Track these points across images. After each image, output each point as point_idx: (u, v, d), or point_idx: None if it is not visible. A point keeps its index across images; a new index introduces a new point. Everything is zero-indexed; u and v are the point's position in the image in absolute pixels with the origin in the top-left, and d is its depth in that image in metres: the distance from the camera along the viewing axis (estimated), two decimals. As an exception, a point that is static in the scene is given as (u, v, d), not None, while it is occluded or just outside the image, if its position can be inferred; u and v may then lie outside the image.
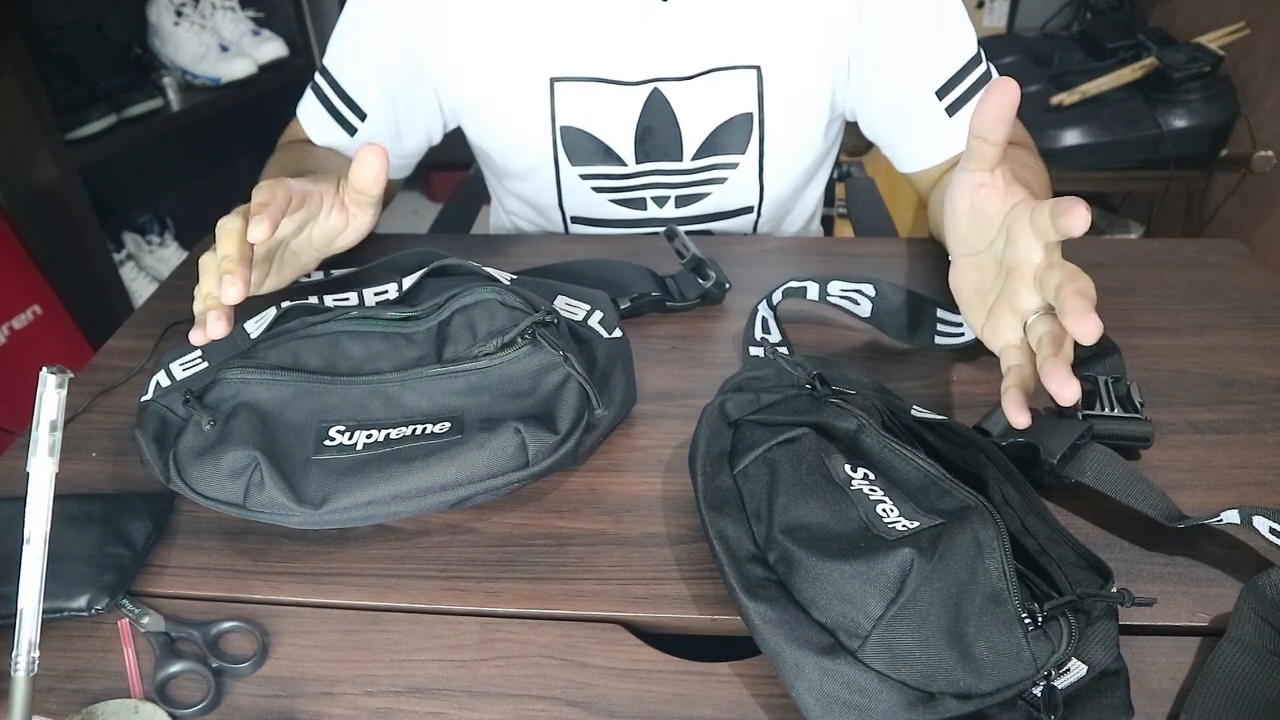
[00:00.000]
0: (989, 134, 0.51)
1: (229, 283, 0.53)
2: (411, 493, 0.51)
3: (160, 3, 1.97)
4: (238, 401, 0.55)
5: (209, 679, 0.45)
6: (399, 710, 0.44)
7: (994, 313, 0.54)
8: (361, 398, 0.56)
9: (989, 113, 0.50)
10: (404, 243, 0.88)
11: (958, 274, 0.58)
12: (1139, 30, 1.90)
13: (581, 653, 0.46)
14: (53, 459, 0.38)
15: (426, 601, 0.49)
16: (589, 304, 0.64)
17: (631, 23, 0.79)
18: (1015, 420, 0.49)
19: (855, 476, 0.47)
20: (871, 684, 0.39)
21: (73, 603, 0.48)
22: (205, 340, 0.54)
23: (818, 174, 0.95)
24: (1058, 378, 0.45)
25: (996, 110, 0.50)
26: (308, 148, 0.85)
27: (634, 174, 0.86)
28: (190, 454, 0.52)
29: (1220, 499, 0.52)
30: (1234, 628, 0.44)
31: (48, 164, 1.61)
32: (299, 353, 0.57)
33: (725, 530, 0.47)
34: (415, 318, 0.58)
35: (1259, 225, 1.78)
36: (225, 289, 0.53)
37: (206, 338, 0.54)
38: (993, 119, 0.50)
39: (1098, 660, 0.39)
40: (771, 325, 0.68)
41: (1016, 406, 0.49)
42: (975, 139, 0.52)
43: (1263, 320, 0.70)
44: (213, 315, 0.54)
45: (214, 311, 0.54)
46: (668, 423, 0.61)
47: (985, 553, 0.41)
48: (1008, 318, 0.53)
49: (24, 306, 1.71)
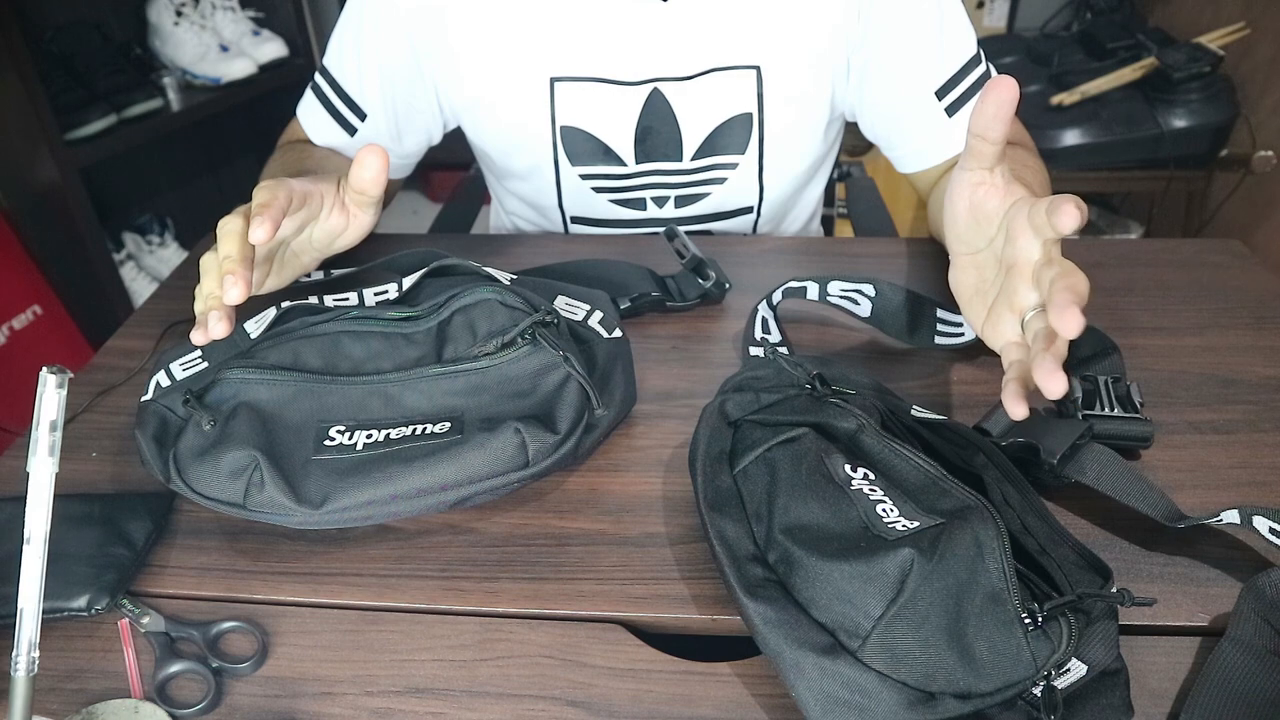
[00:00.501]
0: (987, 132, 0.51)
1: (231, 283, 0.53)
2: (411, 493, 0.51)
3: (160, 3, 1.98)
4: (238, 401, 0.55)
5: (209, 679, 0.45)
6: (399, 710, 0.44)
7: (994, 311, 0.54)
8: (361, 398, 0.56)
9: (988, 111, 0.50)
10: (404, 243, 0.88)
11: (958, 272, 0.58)
12: (1139, 30, 1.90)
13: (581, 653, 0.46)
14: (53, 459, 0.38)
15: (426, 601, 0.49)
16: (589, 304, 0.64)
17: (631, 23, 0.79)
18: (1012, 411, 0.49)
19: (855, 476, 0.47)
20: (871, 684, 0.39)
21: (73, 602, 0.48)
22: (206, 340, 0.54)
23: (818, 174, 0.95)
24: (1044, 369, 0.45)
25: (995, 109, 0.50)
26: (308, 148, 0.86)
27: (634, 174, 0.87)
28: (190, 454, 0.52)
29: (1220, 499, 0.52)
30: (1234, 627, 0.44)
31: (48, 164, 1.61)
32: (299, 352, 0.57)
33: (725, 530, 0.47)
34: (415, 318, 0.58)
35: (1259, 225, 1.78)
36: (228, 290, 0.53)
37: (208, 338, 0.54)
38: (991, 117, 0.50)
39: (1098, 660, 0.39)
40: (771, 325, 0.68)
41: (1015, 398, 0.49)
42: (974, 137, 0.52)
43: (1262, 320, 0.70)
44: (214, 315, 0.54)
45: (215, 312, 0.54)
46: (668, 423, 0.61)
47: (985, 552, 0.41)
48: (1007, 315, 0.53)
49: (24, 306, 1.71)
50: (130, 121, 1.77)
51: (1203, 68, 1.70)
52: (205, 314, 0.55)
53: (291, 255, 0.66)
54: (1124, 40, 1.86)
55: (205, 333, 0.54)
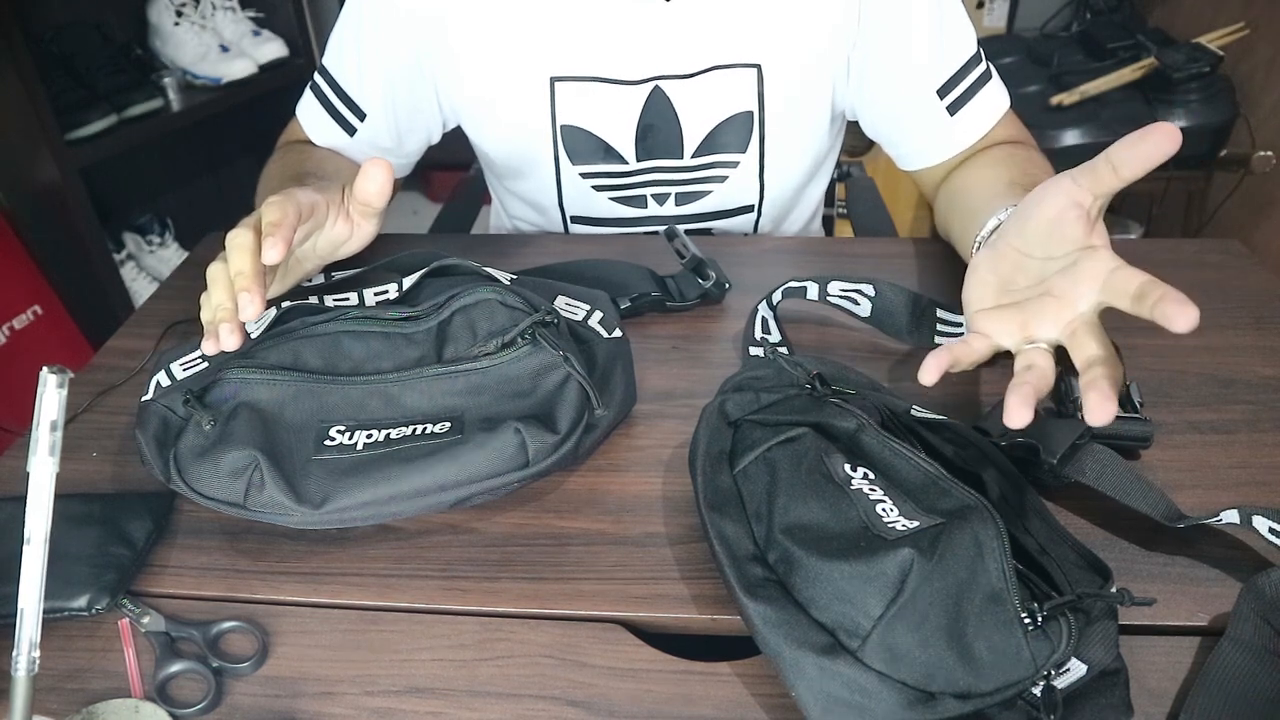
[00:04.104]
0: (1123, 168, 0.48)
1: (247, 301, 0.53)
2: (411, 493, 0.51)
3: (160, 3, 1.98)
4: (238, 401, 0.55)
5: (209, 679, 0.45)
6: (399, 710, 0.44)
7: (1003, 310, 0.53)
8: (361, 398, 0.56)
9: (1139, 149, 0.47)
10: (404, 243, 0.88)
11: (995, 258, 0.56)
12: (1139, 30, 1.90)
13: (581, 652, 0.46)
14: (53, 459, 0.38)
15: (426, 601, 0.49)
16: (589, 304, 0.64)
17: (632, 21, 0.79)
18: (1015, 416, 0.47)
19: (855, 476, 0.47)
20: (871, 683, 0.39)
21: (73, 603, 0.48)
22: (216, 350, 0.54)
23: (819, 173, 0.95)
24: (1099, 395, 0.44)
25: (1150, 149, 0.46)
26: (307, 149, 0.85)
27: (634, 172, 0.87)
28: (190, 454, 0.52)
29: (1219, 499, 0.52)
30: (1234, 627, 0.44)
31: (48, 164, 1.61)
32: (299, 353, 0.57)
33: (725, 530, 0.47)
34: (415, 318, 0.58)
35: (1258, 225, 1.78)
36: (244, 307, 0.53)
37: (219, 348, 0.54)
38: (1136, 156, 0.47)
39: (1097, 660, 0.40)
40: (771, 325, 0.68)
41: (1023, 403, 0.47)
42: (1106, 164, 0.49)
43: (1262, 320, 0.70)
44: (225, 328, 0.53)
45: (227, 324, 0.53)
46: (668, 423, 0.61)
47: (985, 552, 0.41)
48: (1013, 324, 0.52)
49: (24, 306, 1.71)
50: (130, 121, 1.77)
51: (1202, 68, 1.70)
52: (216, 325, 0.54)
53: (295, 262, 0.65)
54: (1124, 40, 1.86)
55: (216, 343, 0.54)
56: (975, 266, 0.57)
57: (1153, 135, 0.46)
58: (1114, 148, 0.48)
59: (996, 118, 0.80)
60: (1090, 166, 0.50)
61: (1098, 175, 0.49)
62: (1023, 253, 0.54)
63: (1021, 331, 0.52)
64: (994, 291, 0.55)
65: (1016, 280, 0.54)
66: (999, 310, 0.54)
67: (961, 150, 0.81)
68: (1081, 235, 0.51)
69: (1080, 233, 0.51)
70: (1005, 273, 0.55)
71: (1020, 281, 0.54)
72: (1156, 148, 0.46)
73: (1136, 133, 0.47)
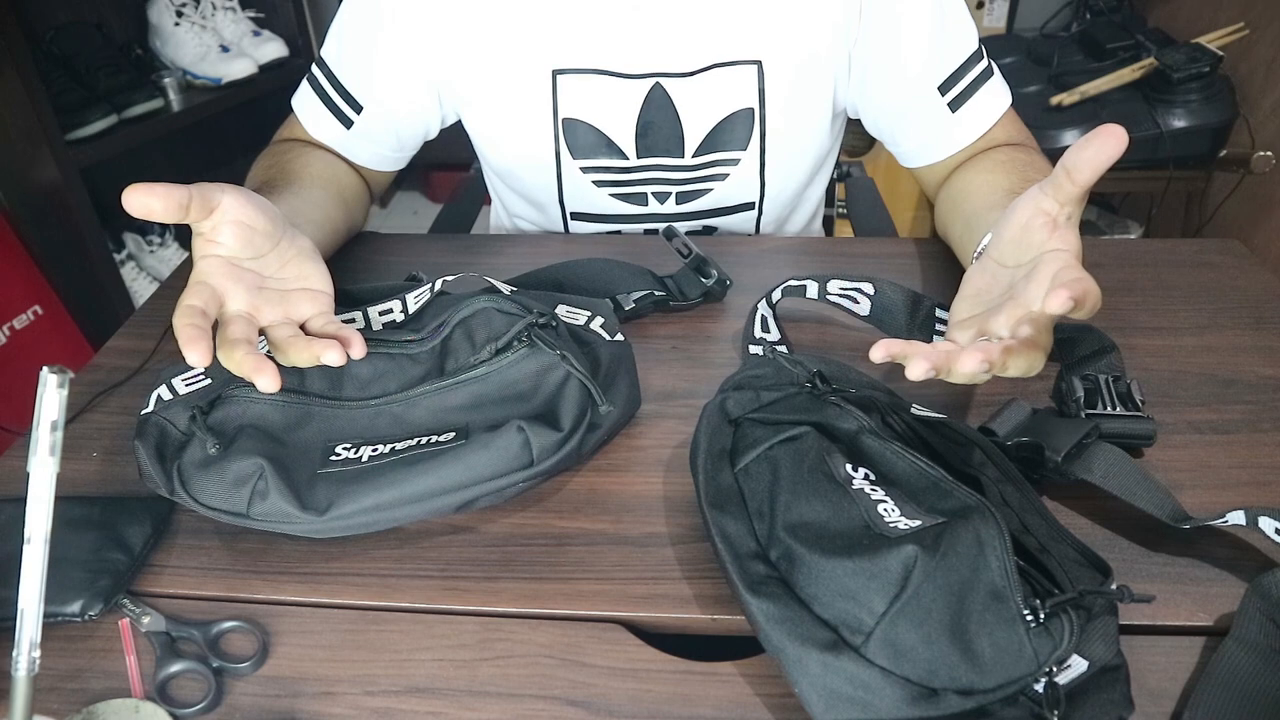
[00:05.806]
0: (1076, 173, 0.49)
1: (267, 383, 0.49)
2: (416, 496, 0.51)
3: (161, 3, 1.97)
4: (243, 422, 0.54)
5: (209, 679, 0.45)
6: (399, 710, 0.44)
7: (975, 318, 0.55)
8: (368, 420, 0.56)
9: (1085, 153, 0.48)
10: (404, 242, 0.88)
11: (978, 271, 0.58)
12: (1138, 31, 1.90)
13: (581, 652, 0.46)
14: (53, 459, 0.38)
15: (427, 601, 0.49)
16: (590, 310, 0.64)
17: (633, 15, 0.79)
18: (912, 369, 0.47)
19: (856, 477, 0.47)
20: (874, 680, 0.39)
21: (66, 608, 0.47)
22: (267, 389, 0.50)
23: (820, 171, 0.95)
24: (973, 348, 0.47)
25: (1095, 153, 0.48)
26: (290, 163, 0.80)
27: (635, 168, 0.86)
28: (194, 465, 0.52)
29: (1220, 499, 0.52)
30: (1238, 627, 0.44)
31: (48, 164, 1.61)
32: (305, 374, 0.56)
33: (727, 528, 0.47)
34: (421, 339, 0.58)
35: (1258, 225, 1.78)
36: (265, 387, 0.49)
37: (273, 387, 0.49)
38: (1086, 161, 0.48)
39: (1099, 656, 0.40)
40: (771, 324, 0.68)
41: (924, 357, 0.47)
42: (1062, 170, 0.50)
43: (1262, 320, 0.70)
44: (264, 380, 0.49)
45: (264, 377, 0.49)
46: (668, 422, 0.61)
47: (987, 550, 0.41)
48: (973, 328, 0.54)
49: (24, 306, 1.70)
50: (131, 122, 1.77)
51: (1202, 68, 1.70)
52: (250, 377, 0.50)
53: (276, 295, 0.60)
54: (1123, 41, 1.86)
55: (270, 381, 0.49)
56: (963, 281, 0.59)
57: (1097, 139, 0.47)
58: (1066, 155, 0.49)
59: (998, 115, 0.80)
60: (1052, 175, 0.51)
61: (1058, 183, 0.51)
62: (998, 263, 0.56)
63: (979, 333, 0.53)
64: (970, 304, 0.56)
65: (991, 291, 0.56)
66: (971, 319, 0.55)
67: (963, 147, 0.80)
68: (1044, 240, 0.52)
69: (1043, 238, 0.52)
70: (982, 285, 0.57)
71: (994, 292, 0.55)
72: (1101, 151, 0.47)
73: (1084, 138, 0.48)
